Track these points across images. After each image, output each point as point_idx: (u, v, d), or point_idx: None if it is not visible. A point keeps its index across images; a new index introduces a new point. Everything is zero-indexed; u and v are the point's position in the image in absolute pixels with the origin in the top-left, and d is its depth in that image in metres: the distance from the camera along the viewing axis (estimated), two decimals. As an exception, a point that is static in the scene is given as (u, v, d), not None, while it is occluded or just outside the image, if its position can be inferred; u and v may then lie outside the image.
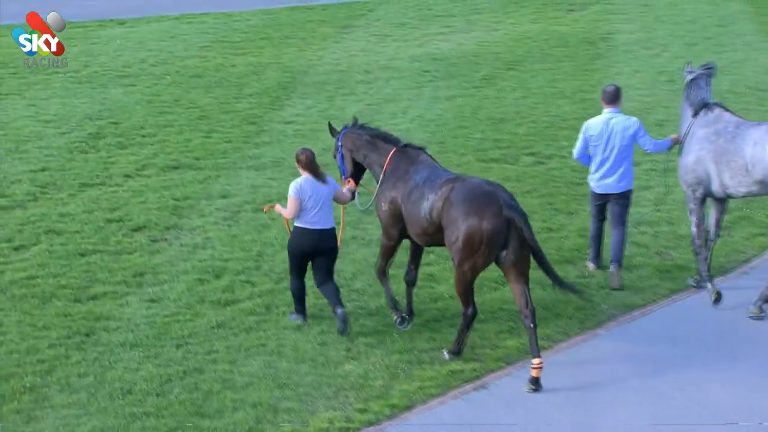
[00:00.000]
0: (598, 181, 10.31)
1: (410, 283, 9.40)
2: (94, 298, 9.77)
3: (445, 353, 8.78)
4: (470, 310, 8.66)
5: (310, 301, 9.62)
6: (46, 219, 11.52)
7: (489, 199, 8.47)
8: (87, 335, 9.08)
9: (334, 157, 9.77)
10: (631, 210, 10.66)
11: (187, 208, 11.91)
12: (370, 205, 9.56)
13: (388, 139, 9.40)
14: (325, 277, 9.25)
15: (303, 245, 9.18)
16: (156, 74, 17.84)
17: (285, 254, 10.38)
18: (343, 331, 9.08)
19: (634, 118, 10.30)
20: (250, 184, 12.58)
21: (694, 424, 7.89)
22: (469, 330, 8.77)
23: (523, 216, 8.47)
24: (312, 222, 9.15)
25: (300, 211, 9.15)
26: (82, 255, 10.64)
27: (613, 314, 9.61)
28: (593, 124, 10.27)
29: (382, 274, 9.38)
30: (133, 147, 14.08)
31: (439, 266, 10.33)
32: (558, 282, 8.59)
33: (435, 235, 8.89)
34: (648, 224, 11.50)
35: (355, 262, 10.10)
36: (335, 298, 9.17)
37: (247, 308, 9.58)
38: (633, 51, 19.15)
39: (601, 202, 10.38)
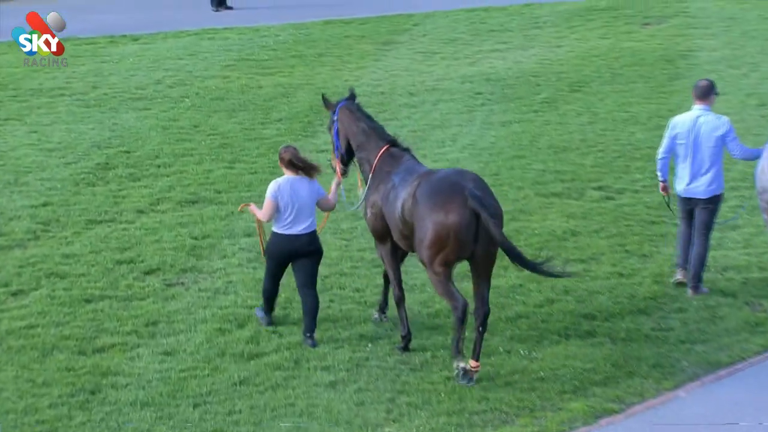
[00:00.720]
0: (683, 185, 10.67)
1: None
2: (100, 350, 9.85)
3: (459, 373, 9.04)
4: (459, 304, 9.08)
5: (345, 355, 9.63)
6: (47, 260, 11.67)
7: (453, 190, 9.01)
8: (92, 393, 9.15)
9: (329, 129, 10.49)
10: (718, 244, 10.63)
11: (206, 247, 12.01)
12: (358, 207, 10.28)
13: (381, 135, 10.05)
14: (306, 280, 9.95)
15: (280, 251, 9.93)
16: (173, 97, 18.07)
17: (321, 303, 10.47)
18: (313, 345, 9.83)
19: (724, 118, 10.55)
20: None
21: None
22: (464, 325, 9.10)
23: (489, 208, 8.94)
24: (287, 227, 9.87)
25: (276, 214, 9.85)
26: (88, 301, 10.75)
27: (696, 373, 9.51)
28: (680, 121, 10.65)
29: (399, 292, 9.86)
30: (147, 179, 14.24)
31: (494, 316, 10.31)
32: (534, 268, 9.05)
33: (412, 238, 9.35)
34: (735, 269, 11.40)
35: (394, 308, 10.09)
36: (310, 321, 9.87)
37: (274, 362, 9.62)
38: (717, 70, 19.08)
39: (689, 207, 10.74)
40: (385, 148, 9.91)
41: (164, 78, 19.22)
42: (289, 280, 11.15)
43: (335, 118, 10.26)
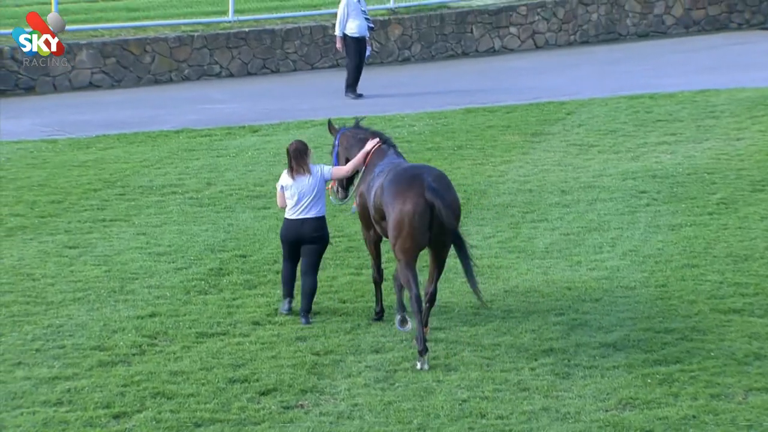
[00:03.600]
0: None
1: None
2: (209, 480, 9.98)
3: (417, 363, 11.56)
4: (413, 294, 11.54)
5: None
6: (153, 378, 11.91)
7: (412, 181, 11.58)
8: None
9: (331, 154, 13.42)
10: None
11: (329, 365, 12.12)
12: (347, 201, 13.28)
13: (373, 136, 12.79)
14: (308, 268, 12.86)
15: (286, 235, 12.88)
16: (295, 195, 18.39)
17: (453, 428, 10.43)
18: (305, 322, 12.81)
19: None
20: (410, 336, 12.71)
21: None
22: (422, 313, 11.62)
23: (445, 200, 11.40)
24: (291, 213, 12.75)
25: (287, 201, 12.74)
26: (197, 425, 10.92)
27: None
28: None
29: (377, 276, 12.85)
30: (264, 286, 14.47)
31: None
32: (470, 278, 11.85)
33: (382, 223, 11.95)
34: None
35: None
36: (306, 302, 12.85)
37: (405, 500, 9.60)
38: None
39: None
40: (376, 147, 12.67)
41: (285, 174, 19.60)
42: (423, 403, 11.14)
43: (336, 143, 13.09)
